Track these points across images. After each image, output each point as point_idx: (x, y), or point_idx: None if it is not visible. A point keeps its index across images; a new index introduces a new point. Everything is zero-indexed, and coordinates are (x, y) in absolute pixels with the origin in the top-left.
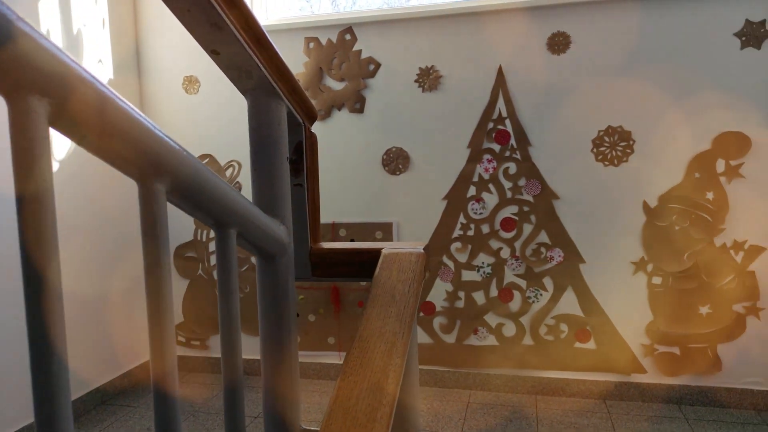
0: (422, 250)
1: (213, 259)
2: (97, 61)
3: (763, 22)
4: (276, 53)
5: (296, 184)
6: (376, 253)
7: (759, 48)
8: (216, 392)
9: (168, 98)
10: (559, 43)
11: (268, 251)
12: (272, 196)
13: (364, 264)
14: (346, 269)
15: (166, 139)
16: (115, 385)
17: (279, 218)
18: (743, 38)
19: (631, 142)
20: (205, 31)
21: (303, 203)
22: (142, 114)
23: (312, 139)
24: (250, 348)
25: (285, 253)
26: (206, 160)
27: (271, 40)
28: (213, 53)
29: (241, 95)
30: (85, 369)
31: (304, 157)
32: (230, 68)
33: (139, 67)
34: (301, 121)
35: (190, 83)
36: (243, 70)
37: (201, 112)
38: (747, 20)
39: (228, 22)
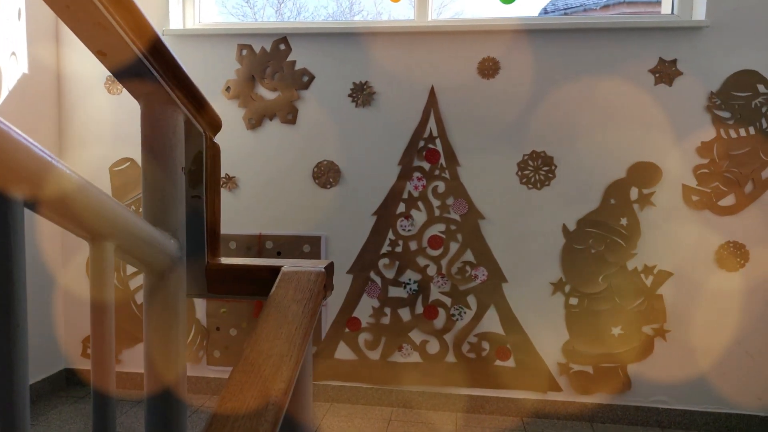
0: (323, 269)
1: (129, 269)
2: (10, 54)
3: (674, 61)
4: (172, 58)
5: (194, 195)
6: (276, 270)
7: (670, 85)
8: (125, 409)
9: (89, 98)
10: (488, 68)
11: (156, 266)
12: (163, 208)
13: (263, 281)
14: (245, 286)
15: (26, 143)
16: None
17: (170, 231)
18: (657, 75)
19: (554, 167)
20: (89, 30)
21: (200, 216)
22: None
23: (214, 150)
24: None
25: (175, 269)
26: (127, 164)
27: (166, 44)
28: (99, 54)
29: None
30: None
31: (203, 167)
32: (119, 71)
33: (59, 63)
34: (201, 130)
35: (113, 83)
36: (133, 73)
37: (124, 114)
38: (660, 58)
39: (114, 22)
